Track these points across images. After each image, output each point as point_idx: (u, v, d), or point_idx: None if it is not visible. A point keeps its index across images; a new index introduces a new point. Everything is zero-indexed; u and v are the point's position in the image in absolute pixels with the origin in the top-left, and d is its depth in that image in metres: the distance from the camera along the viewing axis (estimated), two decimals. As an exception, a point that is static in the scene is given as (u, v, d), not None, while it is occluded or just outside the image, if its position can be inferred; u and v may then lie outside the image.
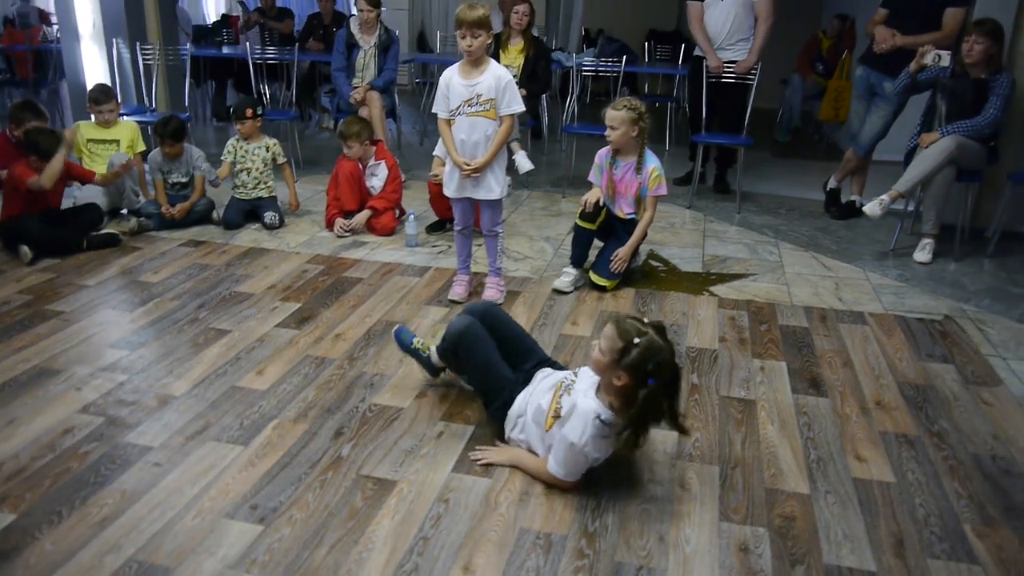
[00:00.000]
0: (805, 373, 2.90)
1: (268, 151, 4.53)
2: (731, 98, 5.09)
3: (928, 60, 4.11)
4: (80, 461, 2.26)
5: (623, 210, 3.67)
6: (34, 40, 8.09)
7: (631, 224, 3.65)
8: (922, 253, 4.13)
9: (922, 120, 4.31)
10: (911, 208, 4.46)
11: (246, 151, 4.49)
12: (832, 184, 5.04)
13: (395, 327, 2.76)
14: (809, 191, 5.36)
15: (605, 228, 3.69)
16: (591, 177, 3.72)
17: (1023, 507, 2.17)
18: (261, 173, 4.51)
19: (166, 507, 2.07)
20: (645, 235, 3.69)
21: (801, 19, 7.65)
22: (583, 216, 3.63)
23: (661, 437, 2.45)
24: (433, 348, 2.63)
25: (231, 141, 4.53)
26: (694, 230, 4.61)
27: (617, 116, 3.48)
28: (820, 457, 2.38)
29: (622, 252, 3.59)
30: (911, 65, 4.18)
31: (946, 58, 4.08)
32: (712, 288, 3.70)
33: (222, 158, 4.52)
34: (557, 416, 2.17)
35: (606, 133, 3.55)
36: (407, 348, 2.70)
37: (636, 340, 2.02)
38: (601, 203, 3.62)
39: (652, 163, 3.58)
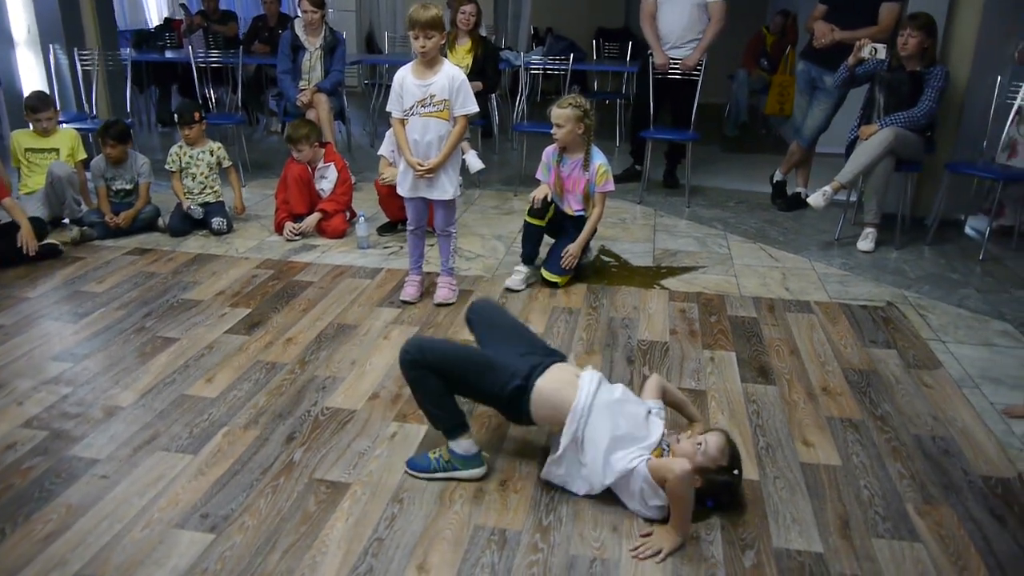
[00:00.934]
0: (754, 362, 2.96)
1: (213, 155, 4.46)
2: (679, 94, 5.17)
3: (865, 54, 4.22)
4: (23, 477, 2.20)
5: (572, 207, 3.70)
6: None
7: (580, 221, 3.68)
8: (865, 242, 4.24)
9: (861, 112, 4.42)
10: (853, 199, 4.58)
11: (191, 157, 4.41)
12: (778, 176, 5.14)
13: (408, 462, 2.30)
14: (757, 184, 5.46)
15: (555, 225, 3.71)
16: (539, 175, 3.74)
17: (961, 484, 2.25)
18: (207, 178, 4.44)
19: (114, 520, 2.03)
20: (595, 231, 3.73)
21: (745, 16, 7.78)
22: (531, 212, 3.65)
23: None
24: (444, 449, 2.23)
25: (174, 149, 4.44)
26: (644, 225, 4.67)
27: (563, 114, 3.50)
28: (769, 444, 2.43)
29: (572, 248, 3.62)
30: (849, 59, 4.28)
31: (882, 51, 4.20)
32: (663, 281, 3.75)
33: (166, 167, 4.42)
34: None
35: (552, 131, 3.57)
36: (434, 471, 2.23)
37: (736, 472, 2.09)
38: (549, 199, 3.65)
39: (599, 160, 3.61)
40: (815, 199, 4.17)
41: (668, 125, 5.36)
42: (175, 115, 4.57)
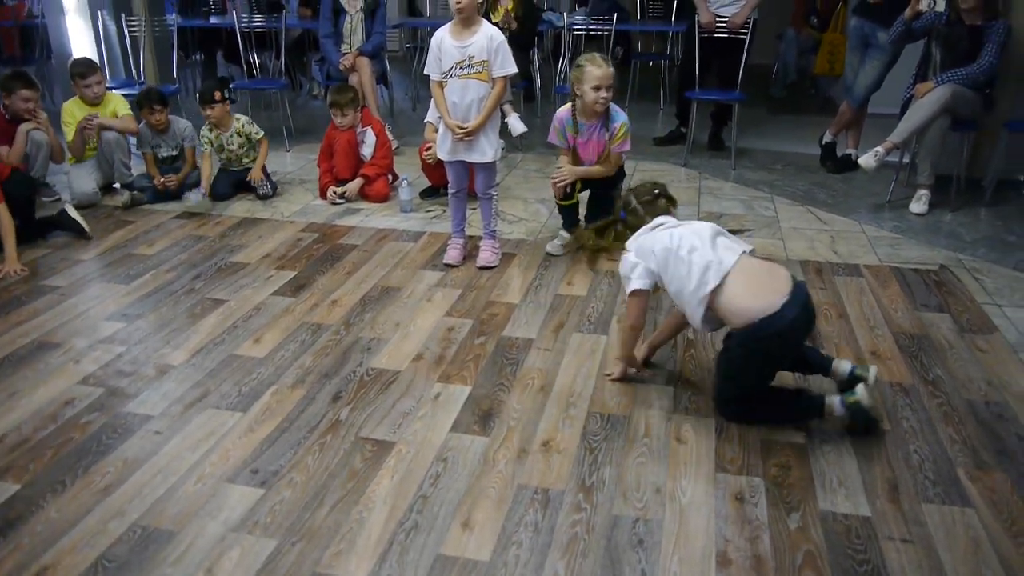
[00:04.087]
0: (800, 326, 2.91)
1: (241, 135, 4.43)
2: (726, 54, 5.04)
3: (923, 6, 4.06)
4: (81, 431, 2.28)
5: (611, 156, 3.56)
6: (19, 16, 7.99)
7: (607, 179, 3.53)
8: (918, 204, 4.12)
9: (917, 70, 4.27)
10: (906, 160, 4.44)
11: (222, 141, 4.41)
12: (827, 138, 5.00)
13: None
14: (805, 146, 5.32)
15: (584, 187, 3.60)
16: (553, 139, 3.52)
17: (1015, 450, 2.19)
18: (244, 153, 4.47)
19: (168, 473, 2.09)
20: (604, 176, 3.52)
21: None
22: (557, 199, 3.58)
23: (656, 393, 2.47)
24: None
25: (205, 132, 4.40)
26: (689, 187, 4.59)
27: (610, 73, 3.25)
28: (815, 407, 2.40)
29: (567, 172, 3.43)
30: (906, 12, 4.12)
31: (941, 3, 4.03)
32: (707, 245, 3.69)
33: (200, 148, 4.44)
34: None
35: (600, 96, 3.25)
36: None
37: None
38: (568, 190, 3.49)
39: (620, 118, 3.37)
40: (866, 160, 4.05)
41: (714, 86, 5.24)
42: (198, 95, 4.49)
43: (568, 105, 3.40)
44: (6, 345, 2.79)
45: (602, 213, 3.57)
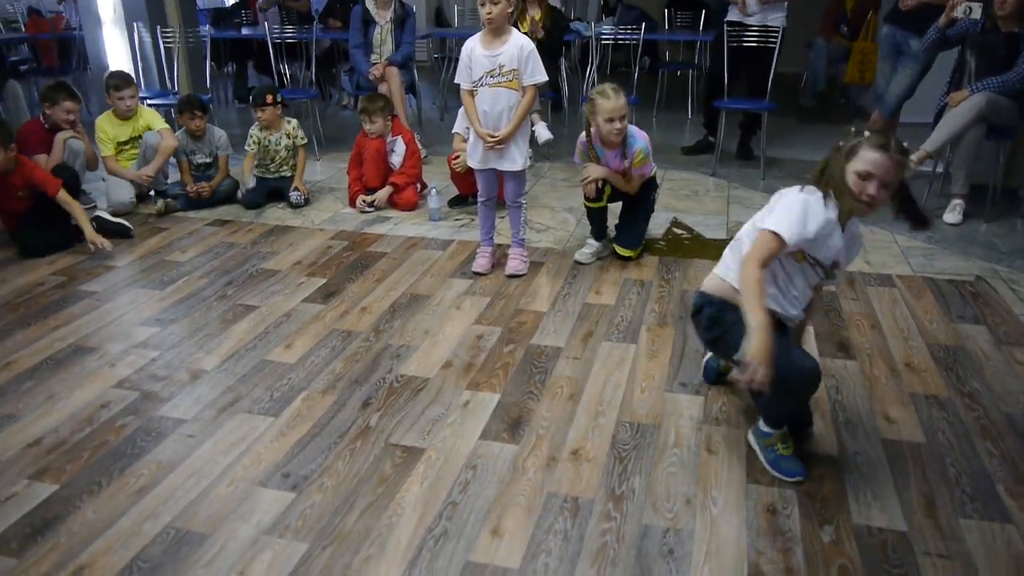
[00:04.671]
0: (833, 336, 2.88)
1: (289, 138, 4.52)
2: (755, 63, 5.01)
3: (959, 13, 4.01)
4: (117, 434, 2.32)
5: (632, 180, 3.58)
6: (58, 28, 8.17)
7: (637, 194, 3.58)
8: (952, 214, 4.06)
9: (951, 78, 4.22)
10: (940, 169, 4.38)
11: (270, 142, 4.49)
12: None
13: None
14: (835, 155, 5.26)
15: (615, 198, 3.62)
16: (577, 158, 3.57)
17: (1057, 465, 2.15)
18: (285, 158, 4.54)
19: (201, 476, 2.12)
20: (627, 191, 3.55)
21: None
22: (588, 199, 3.59)
23: (686, 403, 2.45)
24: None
25: (255, 132, 4.48)
26: (718, 197, 4.57)
27: (623, 105, 3.25)
28: (849, 419, 2.37)
29: (595, 170, 3.45)
30: (940, 19, 4.08)
31: (977, 10, 3.98)
32: (737, 254, 3.67)
33: (246, 148, 4.50)
34: None
35: (615, 126, 3.26)
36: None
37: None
38: (600, 185, 3.50)
39: (638, 144, 3.37)
40: (899, 169, 3.99)
41: (743, 95, 5.21)
42: (250, 96, 4.63)
43: (584, 133, 3.45)
44: (44, 349, 2.85)
45: (632, 227, 3.60)
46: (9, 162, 3.61)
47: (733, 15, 5.01)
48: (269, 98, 4.39)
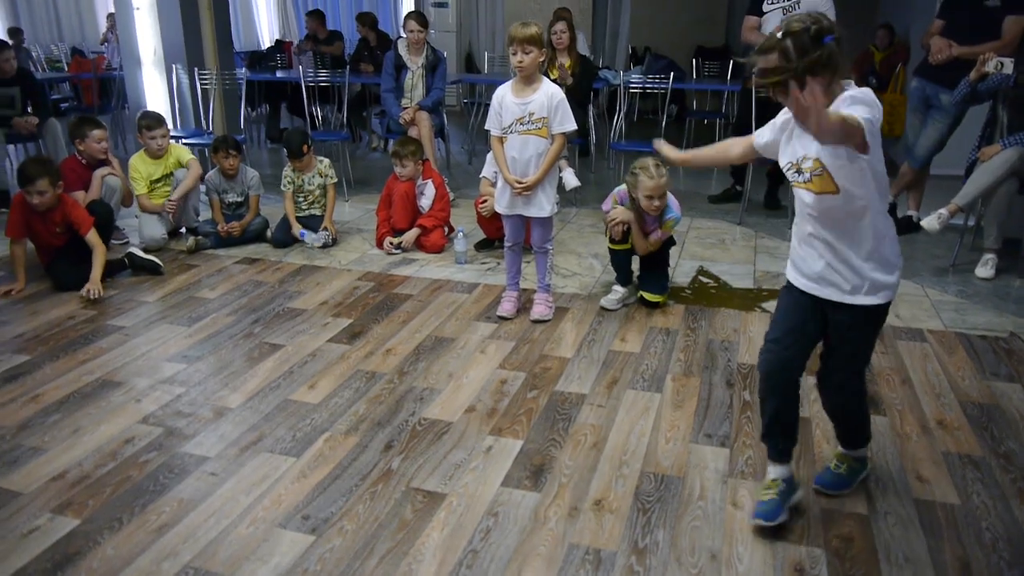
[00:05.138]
0: (862, 391, 2.82)
1: (322, 176, 4.61)
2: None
3: (990, 68, 4.00)
4: (140, 470, 2.32)
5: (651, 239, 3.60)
6: (99, 68, 8.43)
7: (664, 243, 3.60)
8: (984, 268, 4.00)
9: (983, 132, 4.20)
10: (971, 223, 4.33)
11: (303, 181, 4.59)
12: (887, 199, 4.92)
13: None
14: (864, 206, 5.23)
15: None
16: (606, 206, 3.60)
17: (1097, 531, 2.07)
18: (318, 197, 4.62)
19: (221, 515, 2.11)
20: (646, 250, 3.59)
21: (852, 33, 7.54)
22: (613, 241, 3.61)
23: (712, 455, 2.41)
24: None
25: (288, 172, 4.58)
26: (745, 246, 4.55)
27: (662, 185, 3.34)
28: (879, 477, 2.31)
29: (621, 212, 3.49)
30: (971, 74, 4.07)
31: (1009, 65, 3.97)
32: (764, 304, 3.64)
33: (282, 188, 4.59)
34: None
35: (652, 204, 3.38)
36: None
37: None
38: (624, 228, 3.52)
39: (672, 214, 3.48)
40: (929, 222, 3.97)
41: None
42: (284, 146, 4.67)
43: (625, 189, 3.50)
44: (72, 382, 2.87)
45: (654, 273, 3.61)
46: (55, 199, 3.71)
47: None
48: (304, 148, 4.49)
